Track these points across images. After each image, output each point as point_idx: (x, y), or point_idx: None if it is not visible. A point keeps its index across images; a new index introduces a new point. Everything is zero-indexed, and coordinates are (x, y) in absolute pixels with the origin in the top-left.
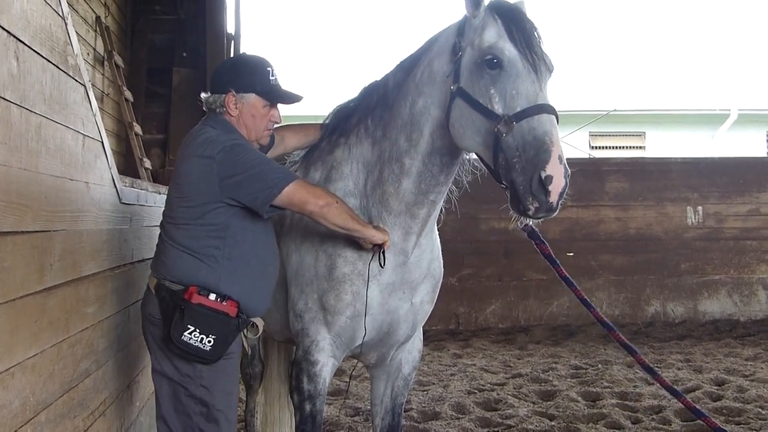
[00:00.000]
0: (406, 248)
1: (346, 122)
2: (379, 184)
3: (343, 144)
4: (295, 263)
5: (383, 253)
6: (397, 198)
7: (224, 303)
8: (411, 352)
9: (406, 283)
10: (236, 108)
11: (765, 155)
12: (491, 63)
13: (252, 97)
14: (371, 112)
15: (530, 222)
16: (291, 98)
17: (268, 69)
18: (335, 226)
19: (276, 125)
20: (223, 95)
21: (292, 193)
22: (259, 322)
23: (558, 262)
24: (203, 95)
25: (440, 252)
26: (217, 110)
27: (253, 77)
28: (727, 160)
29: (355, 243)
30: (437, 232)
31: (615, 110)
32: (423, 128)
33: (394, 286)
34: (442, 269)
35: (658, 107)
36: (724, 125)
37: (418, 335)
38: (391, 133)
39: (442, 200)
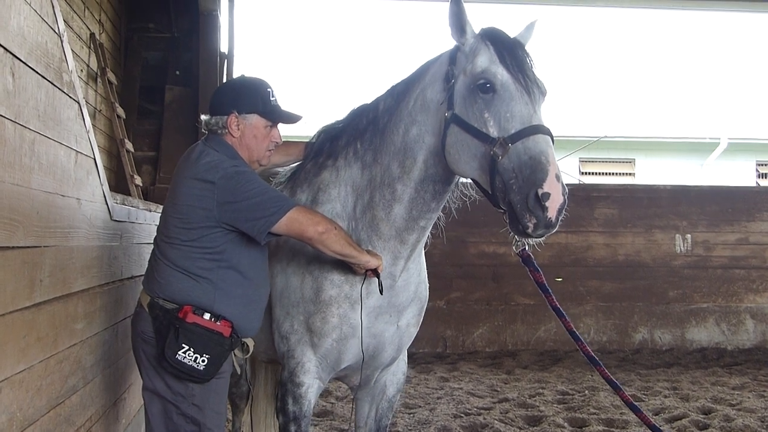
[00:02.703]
0: (394, 272)
1: (333, 143)
2: (370, 209)
3: (331, 166)
4: (281, 285)
5: (379, 278)
6: (388, 223)
7: (218, 323)
8: (396, 374)
9: (393, 306)
10: (238, 129)
11: (754, 184)
12: (484, 87)
13: (254, 118)
14: (361, 136)
15: (531, 242)
16: (291, 118)
17: (269, 90)
18: (333, 253)
19: (276, 145)
20: (225, 116)
21: (291, 221)
22: (250, 342)
23: (550, 291)
24: (203, 117)
25: (426, 275)
26: (219, 132)
27: (255, 98)
28: (717, 188)
29: (342, 266)
30: (424, 256)
31: (605, 137)
32: (417, 156)
33: (381, 309)
34: (428, 292)
35: (648, 134)
36: (713, 154)
37: (403, 357)
38: (382, 158)
39: (431, 226)
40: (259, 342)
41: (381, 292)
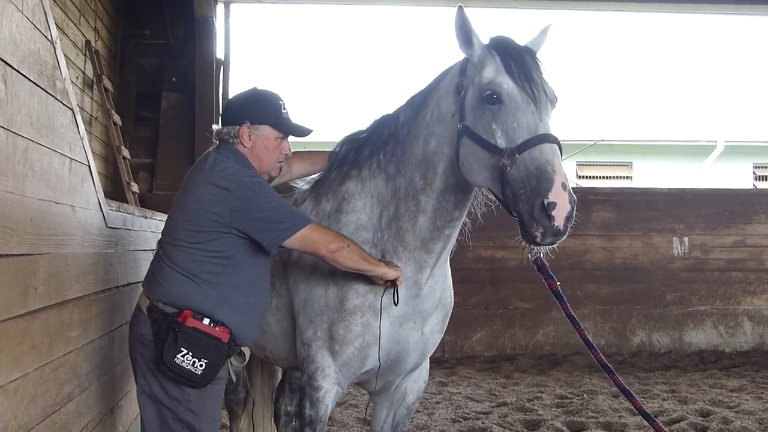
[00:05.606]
0: (419, 281)
1: (357, 153)
2: (395, 220)
3: (356, 176)
4: (304, 293)
5: (396, 289)
6: (413, 234)
7: (217, 328)
8: (417, 381)
9: (419, 312)
10: (250, 139)
11: (751, 187)
12: (491, 98)
13: (266, 129)
14: (383, 147)
15: (542, 249)
16: (302, 131)
17: (281, 102)
18: (347, 268)
19: (286, 157)
20: (237, 126)
21: (304, 237)
22: (247, 351)
23: (565, 298)
24: (214, 127)
25: (451, 282)
26: (230, 141)
27: (268, 110)
28: (714, 191)
29: (366, 275)
30: (449, 262)
31: (602, 140)
32: (437, 167)
33: (406, 316)
34: (453, 299)
35: (645, 138)
36: (710, 156)
37: (425, 365)
38: (405, 170)
39: (457, 233)
40: (281, 349)
41: (396, 303)
